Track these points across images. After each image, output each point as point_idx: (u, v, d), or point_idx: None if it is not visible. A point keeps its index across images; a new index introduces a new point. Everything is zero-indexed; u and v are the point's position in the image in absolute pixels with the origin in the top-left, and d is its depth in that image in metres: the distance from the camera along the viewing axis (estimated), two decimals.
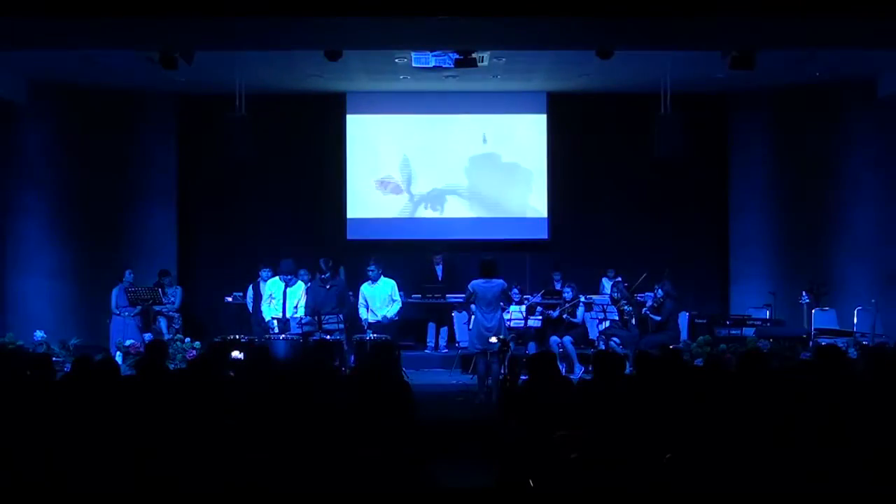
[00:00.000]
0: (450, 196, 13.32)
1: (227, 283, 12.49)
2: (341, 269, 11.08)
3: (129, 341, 10.43)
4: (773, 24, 8.19)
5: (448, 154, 13.29)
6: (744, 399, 5.11)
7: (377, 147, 13.26)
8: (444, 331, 12.35)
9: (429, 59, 10.62)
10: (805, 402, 5.02)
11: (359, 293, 10.57)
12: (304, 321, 10.02)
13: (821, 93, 12.11)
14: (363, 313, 10.43)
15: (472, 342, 9.59)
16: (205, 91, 12.22)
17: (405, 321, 11.48)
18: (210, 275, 13.22)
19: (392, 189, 13.23)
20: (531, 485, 4.74)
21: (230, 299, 12.29)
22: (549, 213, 13.28)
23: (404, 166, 13.23)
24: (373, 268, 10.45)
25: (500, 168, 13.35)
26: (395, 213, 13.28)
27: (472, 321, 9.89)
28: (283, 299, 10.58)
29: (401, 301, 10.67)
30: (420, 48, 10.25)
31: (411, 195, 13.28)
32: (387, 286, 10.51)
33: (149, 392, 5.44)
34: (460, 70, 10.98)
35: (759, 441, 4.39)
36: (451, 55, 10.30)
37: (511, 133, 13.30)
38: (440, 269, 12.47)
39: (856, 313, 11.18)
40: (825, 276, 11.82)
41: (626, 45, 9.54)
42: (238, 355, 8.00)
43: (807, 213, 12.46)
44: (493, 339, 9.11)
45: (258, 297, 11.22)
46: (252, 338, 10.22)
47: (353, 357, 9.81)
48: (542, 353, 6.91)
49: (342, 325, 10.04)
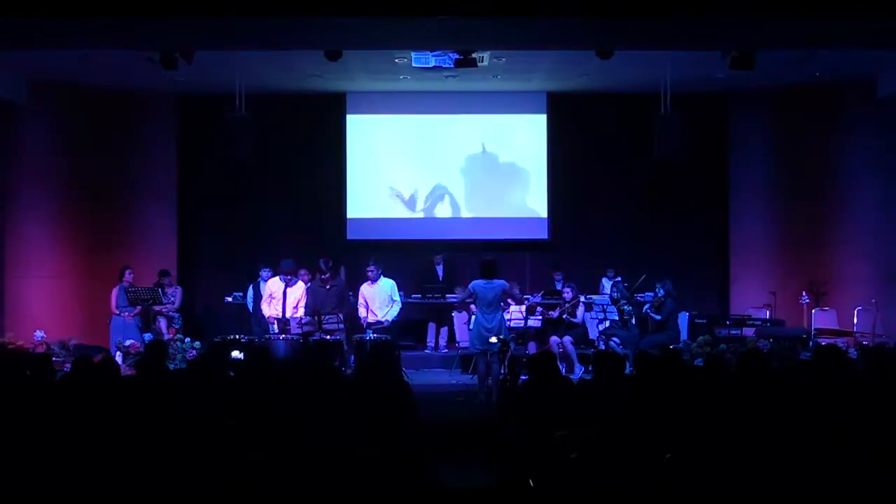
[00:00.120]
0: (450, 196, 13.33)
1: (227, 283, 12.51)
2: (342, 269, 11.08)
3: (129, 341, 10.42)
4: (773, 24, 8.18)
5: (448, 154, 13.30)
6: (744, 399, 5.11)
7: (377, 147, 13.27)
8: (444, 331, 12.35)
9: (429, 59, 10.62)
10: (805, 402, 5.02)
11: (358, 293, 10.60)
12: (304, 321, 10.03)
13: (821, 93, 12.11)
14: (362, 313, 10.45)
15: (472, 342, 9.59)
16: (205, 91, 12.22)
17: (405, 321, 11.49)
18: (210, 275, 13.23)
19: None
20: (531, 485, 4.74)
21: (230, 299, 12.31)
22: (549, 213, 13.29)
23: (407, 169, 13.27)
24: (372, 268, 10.46)
25: (500, 168, 13.36)
26: (395, 213, 13.28)
27: (472, 321, 9.90)
28: (283, 299, 10.60)
29: (401, 301, 10.68)
30: (420, 48, 10.25)
31: (412, 196, 13.29)
32: (386, 286, 10.53)
33: (149, 392, 5.44)
34: (460, 70, 10.98)
35: (759, 441, 4.39)
36: (451, 55, 10.30)
37: (511, 133, 13.30)
38: (441, 269, 12.47)
39: (856, 313, 11.19)
40: (825, 276, 11.81)
41: (626, 45, 9.53)
42: (238, 355, 7.99)
43: (807, 212, 12.45)
44: (493, 340, 9.11)
45: (258, 297, 11.23)
46: (252, 338, 10.22)
47: (353, 357, 9.82)
48: (542, 353, 6.91)
49: (342, 325, 10.05)
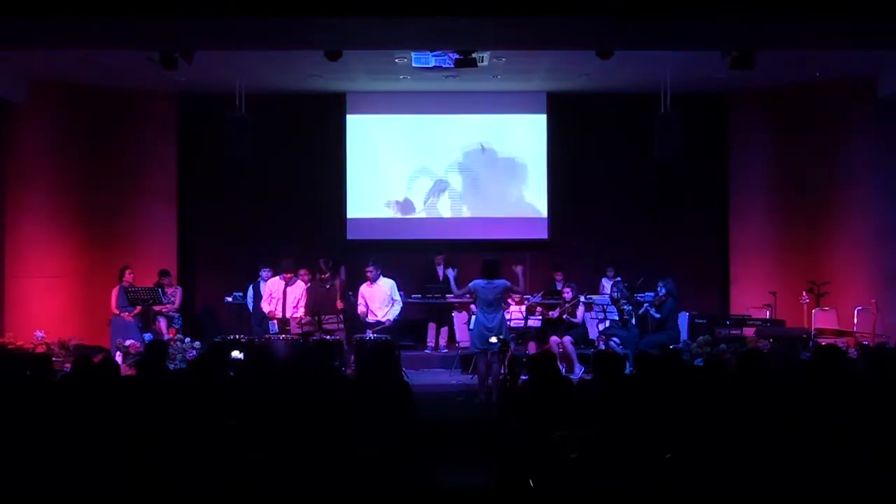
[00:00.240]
0: (450, 196, 13.33)
1: (227, 283, 12.51)
2: (342, 269, 11.08)
3: (129, 341, 10.42)
4: (773, 24, 8.18)
5: (448, 154, 13.30)
6: (744, 399, 5.11)
7: (377, 147, 13.27)
8: (444, 331, 12.36)
9: (429, 59, 10.61)
10: (805, 402, 5.02)
11: (358, 294, 10.61)
12: (304, 321, 10.03)
13: (821, 93, 12.10)
14: (363, 313, 10.45)
15: (472, 341, 9.60)
16: (205, 91, 12.22)
17: (405, 321, 11.49)
18: (210, 275, 13.23)
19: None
20: (531, 485, 4.74)
21: (230, 299, 12.31)
22: (549, 213, 13.29)
23: (407, 169, 13.27)
24: (371, 268, 10.48)
25: (499, 168, 13.35)
26: (395, 213, 13.28)
27: (472, 321, 9.90)
28: (283, 299, 10.60)
29: (401, 300, 10.69)
30: (420, 48, 10.24)
31: (413, 196, 13.29)
32: (386, 286, 10.54)
33: (149, 392, 5.44)
34: (460, 70, 10.97)
35: (759, 441, 4.39)
36: (451, 55, 10.29)
37: (511, 133, 13.30)
38: (441, 269, 12.47)
39: (856, 313, 11.19)
40: (825, 276, 11.80)
41: (626, 45, 9.53)
42: (238, 355, 7.99)
43: (807, 212, 12.45)
44: (493, 340, 9.12)
45: (258, 297, 11.24)
46: (252, 338, 10.22)
47: (353, 357, 9.82)
48: (542, 353, 6.90)
49: (342, 325, 10.05)
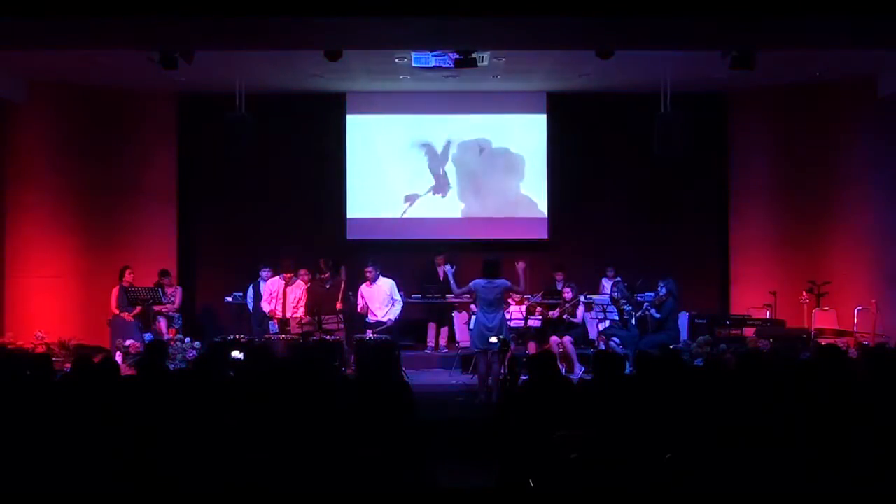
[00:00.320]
0: (449, 196, 13.33)
1: (227, 283, 12.51)
2: (342, 269, 11.09)
3: (129, 341, 10.43)
4: (773, 24, 8.18)
5: (448, 154, 13.29)
6: (744, 399, 5.11)
7: (377, 147, 13.27)
8: (444, 331, 12.35)
9: (429, 59, 10.61)
10: (805, 402, 5.02)
11: (358, 294, 10.61)
12: (304, 321, 10.03)
13: (821, 93, 12.10)
14: (362, 312, 10.46)
15: (473, 341, 9.60)
16: (205, 91, 12.22)
17: (405, 321, 11.49)
18: (210, 275, 13.22)
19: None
20: (531, 485, 4.74)
21: (230, 299, 12.31)
22: (549, 213, 13.29)
23: (407, 169, 13.27)
24: (370, 269, 10.49)
25: (499, 168, 13.34)
26: (396, 213, 13.28)
27: (472, 321, 9.89)
28: (283, 299, 10.60)
29: (401, 300, 10.69)
30: (420, 48, 10.24)
31: (413, 195, 13.30)
32: (385, 286, 10.54)
33: (149, 392, 5.44)
34: (460, 70, 10.97)
35: (758, 441, 4.39)
36: (451, 55, 10.29)
37: (511, 133, 13.30)
38: (442, 269, 12.46)
39: (856, 313, 11.18)
40: (825, 276, 11.80)
41: (626, 45, 9.53)
42: (238, 355, 7.99)
43: (807, 212, 12.45)
44: (493, 339, 9.11)
45: (258, 297, 11.24)
46: (252, 338, 10.23)
47: (353, 357, 9.82)
48: (542, 353, 6.90)
49: (342, 325, 10.05)
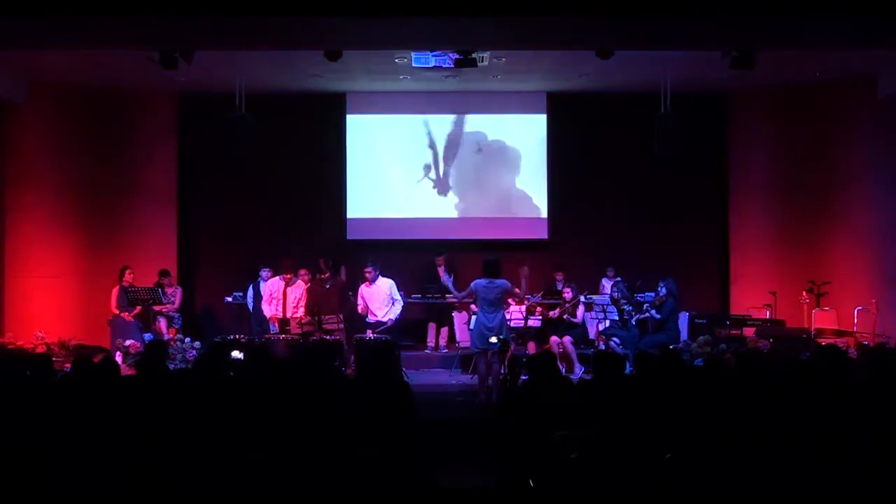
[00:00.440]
0: (449, 196, 13.33)
1: (227, 283, 12.51)
2: (342, 269, 11.09)
3: (129, 341, 10.43)
4: (773, 24, 8.18)
5: (448, 154, 13.29)
6: (744, 399, 5.11)
7: (377, 147, 13.26)
8: (444, 331, 12.35)
9: (429, 59, 10.61)
10: (805, 402, 5.02)
11: (358, 294, 10.61)
12: (304, 321, 10.03)
13: (821, 93, 12.10)
14: (362, 313, 10.47)
15: (473, 341, 9.60)
16: (205, 91, 12.22)
17: (405, 321, 11.48)
18: (210, 275, 13.23)
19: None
20: (531, 485, 4.74)
21: (230, 299, 12.31)
22: (549, 213, 13.28)
23: (407, 169, 13.27)
24: (370, 269, 10.49)
25: (499, 168, 13.34)
26: (396, 213, 13.28)
27: (472, 321, 9.89)
28: (283, 299, 10.60)
29: (401, 300, 10.69)
30: (420, 48, 10.24)
31: (413, 196, 13.30)
32: (385, 286, 10.54)
33: (149, 392, 5.44)
34: (460, 70, 10.97)
35: (758, 441, 4.39)
36: (450, 55, 10.29)
37: (511, 133, 13.30)
38: (442, 270, 12.44)
39: (856, 313, 11.18)
40: (825, 276, 11.80)
41: (626, 45, 9.53)
42: (238, 355, 8.00)
43: (807, 212, 12.45)
44: (493, 339, 9.11)
45: (258, 297, 11.24)
46: (252, 338, 10.23)
47: (353, 357, 9.82)
48: (542, 353, 6.90)
49: (342, 325, 10.05)
